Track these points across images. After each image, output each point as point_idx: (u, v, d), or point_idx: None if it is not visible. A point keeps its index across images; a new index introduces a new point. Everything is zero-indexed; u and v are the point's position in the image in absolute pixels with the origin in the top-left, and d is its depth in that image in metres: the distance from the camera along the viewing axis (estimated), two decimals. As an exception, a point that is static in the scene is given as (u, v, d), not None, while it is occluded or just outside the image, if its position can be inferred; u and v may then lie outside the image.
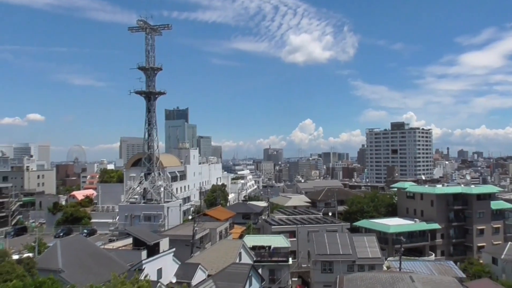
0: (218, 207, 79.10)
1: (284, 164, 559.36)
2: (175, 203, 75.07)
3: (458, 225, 69.28)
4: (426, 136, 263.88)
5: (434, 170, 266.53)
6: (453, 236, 69.22)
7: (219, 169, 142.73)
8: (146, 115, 73.38)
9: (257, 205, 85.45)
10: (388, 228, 65.43)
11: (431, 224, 68.11)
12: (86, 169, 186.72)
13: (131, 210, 70.46)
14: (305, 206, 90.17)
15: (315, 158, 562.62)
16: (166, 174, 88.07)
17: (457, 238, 69.15)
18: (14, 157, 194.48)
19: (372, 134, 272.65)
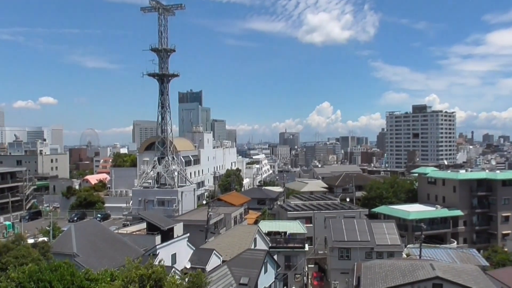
0: (233, 192, 79.57)
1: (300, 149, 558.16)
2: (189, 188, 75.81)
3: (481, 212, 68.37)
4: (449, 119, 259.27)
5: (457, 155, 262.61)
6: (476, 224, 68.40)
7: (233, 153, 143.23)
8: (159, 97, 73.63)
9: (273, 191, 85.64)
10: (408, 214, 65.01)
11: (453, 210, 67.38)
12: (99, 153, 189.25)
13: (144, 194, 71.46)
14: (322, 191, 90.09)
15: (332, 143, 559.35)
16: (180, 159, 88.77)
17: (480, 225, 68.31)
18: (27, 141, 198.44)
19: (393, 117, 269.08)
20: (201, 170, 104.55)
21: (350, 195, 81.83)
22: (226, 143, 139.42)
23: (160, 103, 73.68)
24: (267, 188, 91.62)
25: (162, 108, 73.76)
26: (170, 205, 70.14)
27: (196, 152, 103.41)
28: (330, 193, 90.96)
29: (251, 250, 37.02)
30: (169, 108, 74.72)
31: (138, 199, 71.68)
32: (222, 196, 71.43)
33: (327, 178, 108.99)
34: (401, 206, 71.23)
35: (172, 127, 77.22)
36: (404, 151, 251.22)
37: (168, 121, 74.65)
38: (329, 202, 70.82)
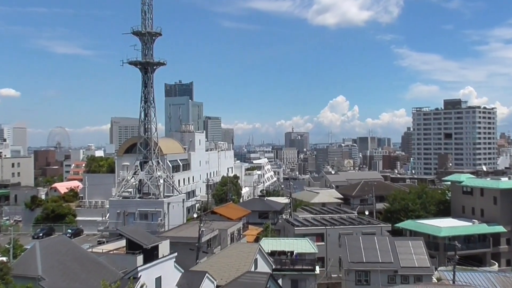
0: (229, 203, 79.55)
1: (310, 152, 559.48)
2: (177, 198, 75.82)
3: (528, 228, 68.20)
4: (488, 116, 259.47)
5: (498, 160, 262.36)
6: (522, 242, 68.27)
7: (230, 157, 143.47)
8: (142, 90, 73.75)
9: (277, 202, 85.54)
10: (439, 230, 64.94)
11: (493, 226, 67.28)
12: (70, 156, 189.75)
13: (124, 206, 71.51)
14: (335, 203, 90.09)
15: (348, 144, 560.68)
16: (166, 163, 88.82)
17: (526, 244, 68.17)
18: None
19: (421, 114, 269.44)
20: (192, 177, 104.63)
21: (369, 208, 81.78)
22: (221, 144, 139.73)
23: (143, 96, 73.75)
24: (270, 199, 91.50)
25: (145, 102, 73.83)
26: (155, 218, 70.15)
27: (185, 156, 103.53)
28: (345, 205, 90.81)
29: (251, 273, 36.96)
30: (154, 103, 74.88)
31: (117, 212, 71.70)
32: (216, 208, 71.42)
33: (342, 187, 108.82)
34: (431, 220, 71.17)
35: (157, 126, 77.45)
36: (434, 155, 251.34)
37: (152, 118, 74.75)
38: (345, 215, 70.76)
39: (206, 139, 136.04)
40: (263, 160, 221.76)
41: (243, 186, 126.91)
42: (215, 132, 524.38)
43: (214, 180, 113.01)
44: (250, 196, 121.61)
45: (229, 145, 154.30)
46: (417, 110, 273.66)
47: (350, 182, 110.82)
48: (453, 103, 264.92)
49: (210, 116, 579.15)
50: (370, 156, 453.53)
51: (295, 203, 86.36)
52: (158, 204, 71.04)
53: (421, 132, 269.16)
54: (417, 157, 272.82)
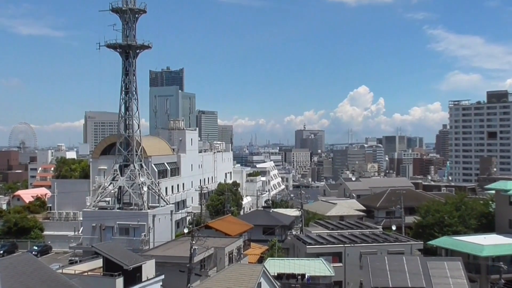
0: (228, 216, 79.68)
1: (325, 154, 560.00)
2: (164, 210, 75.98)
3: None
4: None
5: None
6: None
7: (229, 160, 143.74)
8: (123, 79, 73.93)
9: (285, 215, 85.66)
10: (481, 249, 64.68)
11: (546, 244, 66.94)
12: (36, 158, 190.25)
13: (100, 218, 71.65)
14: (356, 216, 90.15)
15: (372, 145, 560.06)
16: (151, 167, 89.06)
17: None
18: None
19: (459, 109, 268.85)
20: (182, 184, 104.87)
21: (397, 221, 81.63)
22: (218, 145, 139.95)
23: (124, 86, 73.94)
24: (277, 211, 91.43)
25: (126, 94, 74.03)
26: (137, 234, 70.33)
27: (174, 158, 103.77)
28: (368, 219, 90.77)
29: (253, 299, 36.97)
30: (137, 94, 75.10)
31: (92, 225, 71.92)
32: (212, 222, 71.49)
33: (365, 197, 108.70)
34: (471, 237, 70.85)
35: (140, 121, 77.66)
36: (475, 158, 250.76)
37: (135, 112, 75.02)
38: (367, 231, 70.67)
39: (200, 138, 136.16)
40: (268, 163, 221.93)
41: (244, 195, 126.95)
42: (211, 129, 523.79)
43: (209, 187, 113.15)
44: (253, 208, 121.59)
45: (227, 146, 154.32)
46: (454, 104, 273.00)
47: (374, 191, 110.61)
48: (498, 96, 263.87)
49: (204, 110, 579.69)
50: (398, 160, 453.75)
51: (307, 216, 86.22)
52: (142, 217, 71.18)
53: (459, 130, 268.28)
54: (455, 161, 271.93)
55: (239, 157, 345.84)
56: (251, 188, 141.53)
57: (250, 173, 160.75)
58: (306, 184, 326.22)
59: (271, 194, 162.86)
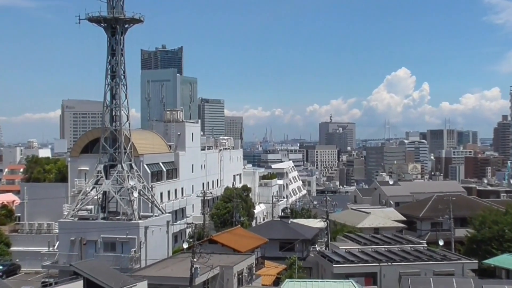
0: (237, 228, 79.58)
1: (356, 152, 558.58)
2: (159, 220, 76.00)
3: None
4: None
5: None
6: None
7: (238, 159, 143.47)
8: (108, 60, 73.91)
9: (307, 226, 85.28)
10: (550, 271, 64.17)
11: None
12: (2, 157, 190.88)
13: (81, 231, 71.72)
14: (394, 228, 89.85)
15: (414, 141, 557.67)
16: (143, 168, 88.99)
17: None
18: None
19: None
20: (181, 188, 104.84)
21: (445, 235, 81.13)
22: (225, 141, 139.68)
23: (110, 69, 73.98)
24: (297, 221, 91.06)
25: (112, 78, 74.08)
26: (126, 249, 70.36)
27: (171, 157, 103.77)
28: (409, 231, 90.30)
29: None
30: (125, 78, 75.10)
31: (70, 239, 71.95)
32: (217, 235, 71.48)
33: (405, 204, 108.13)
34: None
35: (130, 112, 77.59)
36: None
37: (123, 101, 75.04)
38: (408, 247, 70.35)
39: (202, 133, 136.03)
40: (286, 164, 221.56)
41: (257, 202, 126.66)
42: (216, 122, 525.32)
43: (214, 193, 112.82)
44: (268, 218, 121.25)
45: (236, 142, 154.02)
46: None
47: (417, 198, 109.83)
48: None
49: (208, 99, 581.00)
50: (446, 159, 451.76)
51: (335, 228, 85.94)
52: (131, 229, 71.07)
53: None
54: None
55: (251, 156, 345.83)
56: (265, 193, 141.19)
57: (264, 175, 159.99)
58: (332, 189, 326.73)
59: (289, 201, 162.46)
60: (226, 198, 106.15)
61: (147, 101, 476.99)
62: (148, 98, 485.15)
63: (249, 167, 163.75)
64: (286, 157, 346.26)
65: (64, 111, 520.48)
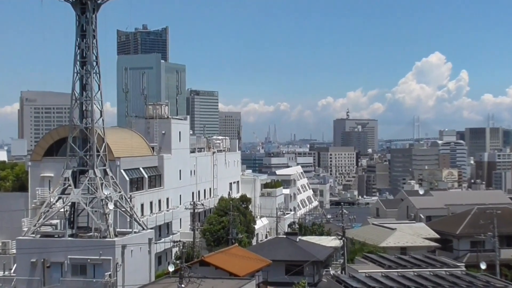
0: (233, 247, 79.49)
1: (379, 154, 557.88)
2: (140, 238, 75.88)
3: None
4: None
5: None
6: None
7: (235, 163, 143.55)
8: (77, 43, 73.84)
9: (319, 245, 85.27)
10: None
11: None
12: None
13: (43, 251, 71.59)
14: (426, 247, 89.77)
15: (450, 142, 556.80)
16: (120, 174, 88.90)
17: None
18: None
19: None
20: (166, 199, 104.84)
21: (488, 257, 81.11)
22: (219, 141, 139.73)
23: (79, 55, 73.91)
24: (306, 239, 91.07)
25: (82, 66, 74.00)
26: (99, 273, 70.17)
27: (154, 161, 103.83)
28: (444, 252, 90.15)
29: None
30: (98, 66, 75.02)
31: (31, 261, 71.82)
32: (210, 255, 71.47)
33: (438, 219, 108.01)
34: None
35: (104, 106, 77.47)
36: None
37: (95, 93, 74.93)
38: (442, 271, 70.27)
39: (192, 132, 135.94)
40: (294, 169, 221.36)
41: (258, 216, 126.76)
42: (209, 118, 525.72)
43: (206, 204, 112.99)
44: (271, 235, 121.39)
45: (233, 142, 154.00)
46: None
47: (453, 211, 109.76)
48: None
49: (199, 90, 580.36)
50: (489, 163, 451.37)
51: (352, 247, 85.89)
52: (106, 248, 70.93)
53: None
54: None
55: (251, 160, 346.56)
56: (268, 205, 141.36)
57: (267, 183, 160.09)
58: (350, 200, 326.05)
59: (298, 215, 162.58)
60: (221, 210, 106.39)
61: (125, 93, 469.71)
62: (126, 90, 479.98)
63: (248, 173, 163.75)
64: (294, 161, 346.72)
65: (23, 105, 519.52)
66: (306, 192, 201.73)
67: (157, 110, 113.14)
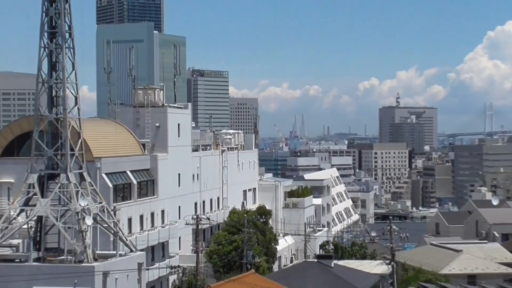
0: (249, 273, 79.39)
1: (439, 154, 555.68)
2: (127, 261, 76.00)
3: None
4: None
5: None
6: None
7: (251, 164, 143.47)
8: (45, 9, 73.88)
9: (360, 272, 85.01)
10: None
11: None
12: None
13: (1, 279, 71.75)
14: (501, 275, 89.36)
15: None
16: (101, 179, 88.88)
17: None
18: None
19: None
20: (161, 212, 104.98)
21: None
22: (230, 136, 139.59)
23: (47, 24, 74.03)
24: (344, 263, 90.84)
25: (51, 38, 74.06)
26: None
27: (145, 162, 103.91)
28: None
29: None
30: (72, 38, 75.07)
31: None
32: (217, 285, 71.41)
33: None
34: None
35: (79, 91, 77.57)
36: None
37: (68, 74, 75.05)
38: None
39: (195, 124, 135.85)
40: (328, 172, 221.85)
41: (281, 233, 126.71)
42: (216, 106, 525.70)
43: (213, 219, 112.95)
44: (298, 258, 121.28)
45: (248, 138, 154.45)
46: None
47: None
48: None
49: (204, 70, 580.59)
50: None
51: (405, 274, 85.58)
52: (83, 276, 71.11)
53: None
54: None
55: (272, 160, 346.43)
56: (294, 219, 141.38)
57: (292, 190, 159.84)
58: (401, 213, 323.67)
59: (332, 232, 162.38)
60: (232, 227, 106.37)
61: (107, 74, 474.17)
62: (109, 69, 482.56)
63: (268, 178, 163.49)
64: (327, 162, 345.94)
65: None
66: (344, 203, 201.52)
67: (149, 96, 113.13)
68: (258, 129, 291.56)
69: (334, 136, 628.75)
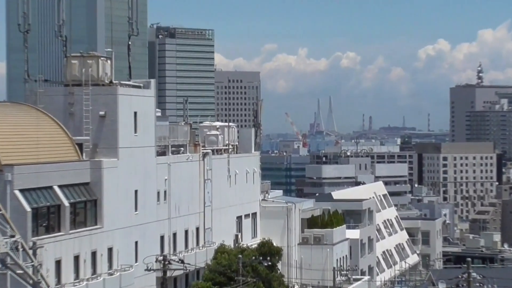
0: None
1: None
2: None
3: None
4: None
5: None
6: None
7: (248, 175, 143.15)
8: None
9: None
10: None
11: None
12: None
13: None
14: None
15: None
16: (14, 198, 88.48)
17: None
18: None
19: None
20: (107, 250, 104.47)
21: None
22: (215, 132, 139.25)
23: None
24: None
25: None
26: None
27: (84, 173, 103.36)
28: None
29: None
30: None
31: None
32: None
33: None
34: None
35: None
36: None
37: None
38: None
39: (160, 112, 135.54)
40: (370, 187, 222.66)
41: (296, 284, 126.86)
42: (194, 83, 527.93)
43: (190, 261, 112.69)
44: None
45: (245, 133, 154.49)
46: None
47: None
48: None
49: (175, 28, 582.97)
50: None
51: None
52: None
53: None
54: None
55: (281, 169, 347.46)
56: (317, 262, 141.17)
57: (314, 216, 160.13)
58: (486, 252, 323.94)
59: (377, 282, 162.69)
60: (220, 274, 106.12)
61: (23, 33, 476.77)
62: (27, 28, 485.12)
63: (277, 197, 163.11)
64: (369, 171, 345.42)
65: None
66: (395, 236, 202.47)
67: (90, 68, 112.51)
68: (260, 121, 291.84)
69: (379, 132, 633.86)
